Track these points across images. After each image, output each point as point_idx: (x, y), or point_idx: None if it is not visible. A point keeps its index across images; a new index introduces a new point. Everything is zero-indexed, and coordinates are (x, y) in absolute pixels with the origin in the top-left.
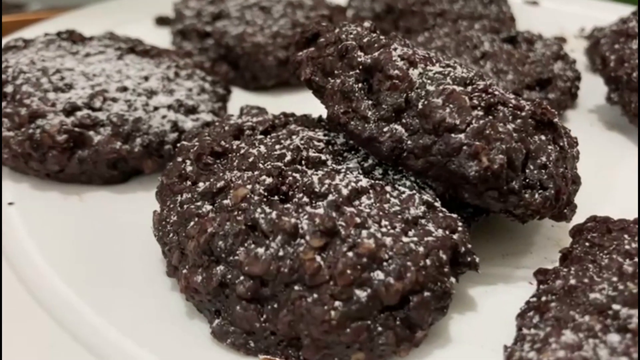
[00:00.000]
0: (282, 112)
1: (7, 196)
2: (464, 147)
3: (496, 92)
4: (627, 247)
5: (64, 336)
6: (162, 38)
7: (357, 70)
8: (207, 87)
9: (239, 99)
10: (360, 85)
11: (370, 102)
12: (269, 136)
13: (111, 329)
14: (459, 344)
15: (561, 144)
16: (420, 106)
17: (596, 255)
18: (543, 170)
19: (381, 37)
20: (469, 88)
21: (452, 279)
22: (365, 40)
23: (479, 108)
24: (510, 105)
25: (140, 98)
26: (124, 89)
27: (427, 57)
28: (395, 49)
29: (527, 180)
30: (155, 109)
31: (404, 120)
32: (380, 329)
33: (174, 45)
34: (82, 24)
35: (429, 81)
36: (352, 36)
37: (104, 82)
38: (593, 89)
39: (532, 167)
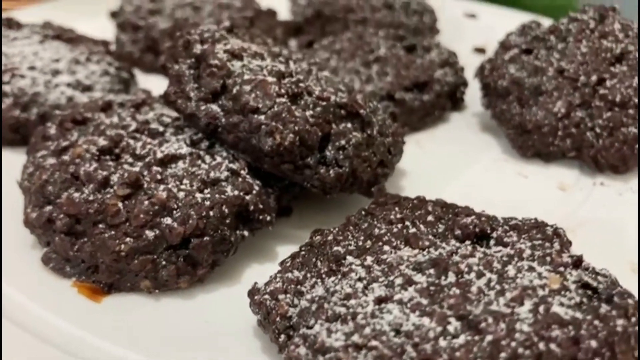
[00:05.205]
0: (162, 94)
1: None
2: (263, 126)
3: (304, 85)
4: (391, 217)
5: None
6: (110, 31)
7: (193, 60)
8: (111, 71)
9: (162, 87)
10: (192, 71)
11: (195, 85)
12: (127, 110)
13: None
14: (244, 284)
15: (369, 132)
16: (234, 91)
17: (361, 221)
18: (341, 152)
19: (224, 34)
20: (285, 80)
21: (245, 232)
22: (206, 35)
23: (285, 96)
24: (314, 95)
25: (45, 76)
26: (33, 68)
27: (257, 53)
28: (226, 44)
29: (325, 159)
30: (56, 86)
31: (220, 102)
32: (164, 262)
33: (115, 36)
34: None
35: (248, 72)
36: (207, 34)
37: (18, 62)
38: None
39: (330, 148)
